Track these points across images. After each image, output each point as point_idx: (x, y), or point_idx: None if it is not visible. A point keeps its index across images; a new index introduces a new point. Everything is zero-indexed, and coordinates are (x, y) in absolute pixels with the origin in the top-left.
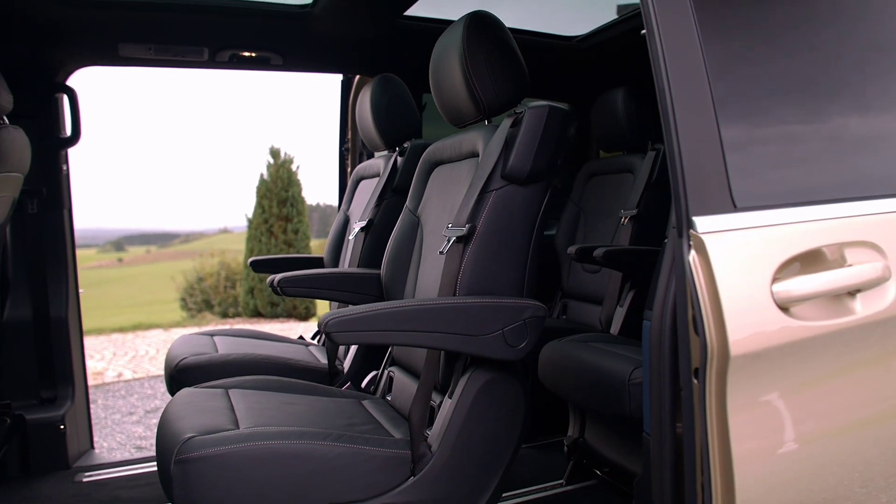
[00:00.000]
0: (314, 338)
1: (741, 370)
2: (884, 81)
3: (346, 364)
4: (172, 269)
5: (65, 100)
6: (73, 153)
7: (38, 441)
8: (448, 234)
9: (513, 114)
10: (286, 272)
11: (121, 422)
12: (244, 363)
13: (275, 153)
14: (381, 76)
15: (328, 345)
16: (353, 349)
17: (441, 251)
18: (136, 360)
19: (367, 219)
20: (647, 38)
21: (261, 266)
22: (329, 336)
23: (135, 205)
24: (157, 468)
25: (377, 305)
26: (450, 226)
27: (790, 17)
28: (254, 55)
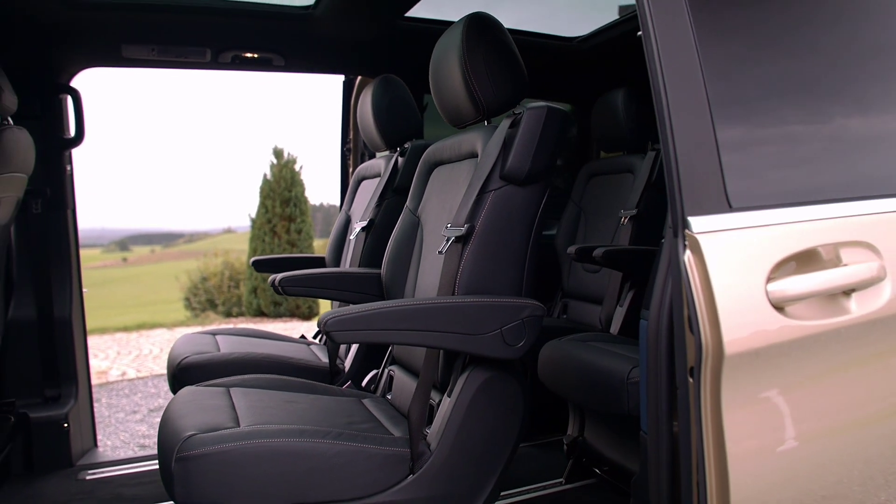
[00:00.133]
0: (316, 337)
1: (736, 369)
2: (879, 82)
3: (347, 363)
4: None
5: (69, 101)
6: (78, 154)
7: (42, 439)
8: (447, 234)
9: (511, 114)
10: (287, 272)
11: (124, 420)
12: (245, 362)
13: (278, 153)
14: (382, 77)
15: (329, 344)
16: (354, 348)
17: (440, 251)
18: (140, 360)
19: (368, 219)
20: (644, 40)
21: (263, 266)
22: (328, 335)
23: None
24: (159, 466)
25: (376, 305)
26: (448, 226)
27: (785, 19)
28: (256, 56)
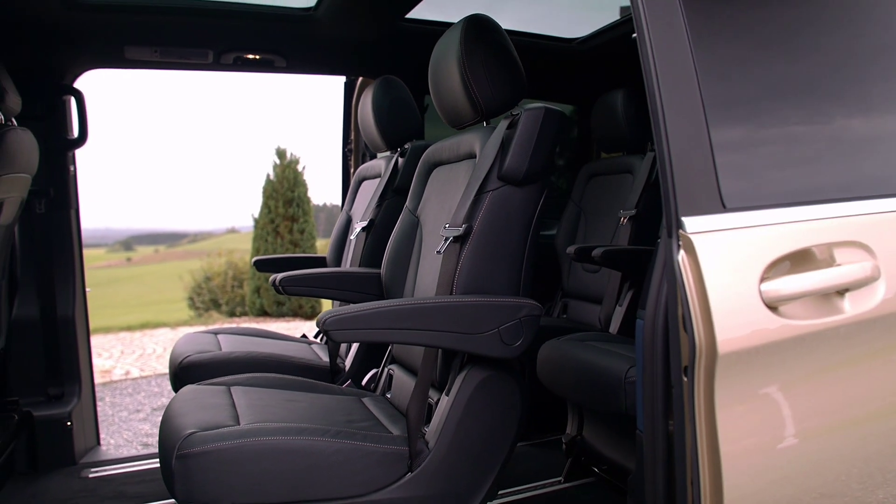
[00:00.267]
0: (317, 336)
1: (729, 368)
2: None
3: (348, 362)
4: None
5: (72, 102)
6: (83, 154)
7: (46, 437)
8: (445, 234)
9: (509, 115)
10: (288, 271)
11: (128, 419)
12: (247, 361)
13: (281, 154)
14: (383, 78)
15: (330, 343)
16: (355, 348)
17: (438, 251)
18: (144, 359)
19: (369, 219)
20: (638, 42)
21: (265, 265)
22: (327, 334)
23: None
24: (160, 464)
25: (375, 304)
26: (447, 226)
27: (779, 22)
28: (258, 57)
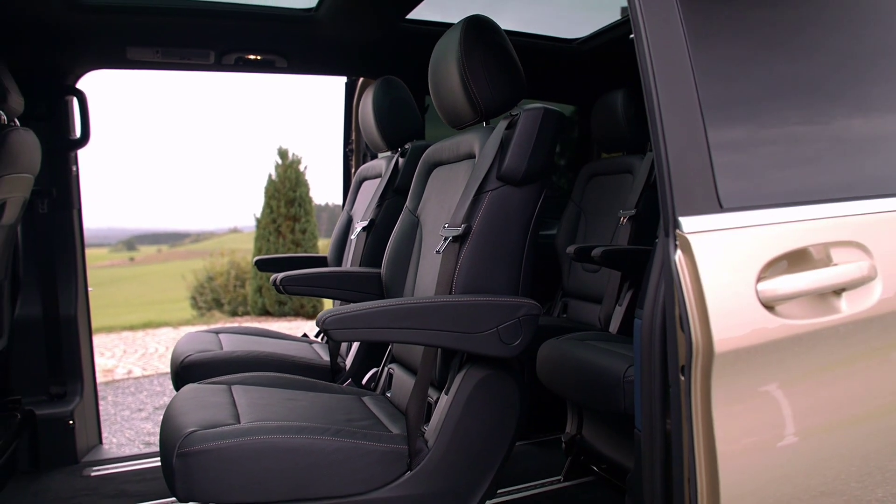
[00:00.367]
0: (318, 335)
1: (726, 367)
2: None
3: (349, 361)
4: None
5: (74, 102)
6: (87, 155)
7: (48, 436)
8: (444, 234)
9: (508, 116)
10: (289, 271)
11: (130, 418)
12: (248, 360)
13: (283, 154)
14: (383, 78)
15: (330, 342)
16: (355, 347)
17: (437, 250)
18: (146, 358)
19: (369, 219)
20: (635, 42)
21: (266, 265)
22: (327, 333)
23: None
24: (161, 462)
25: (374, 303)
26: (446, 225)
27: (775, 22)
28: (259, 58)
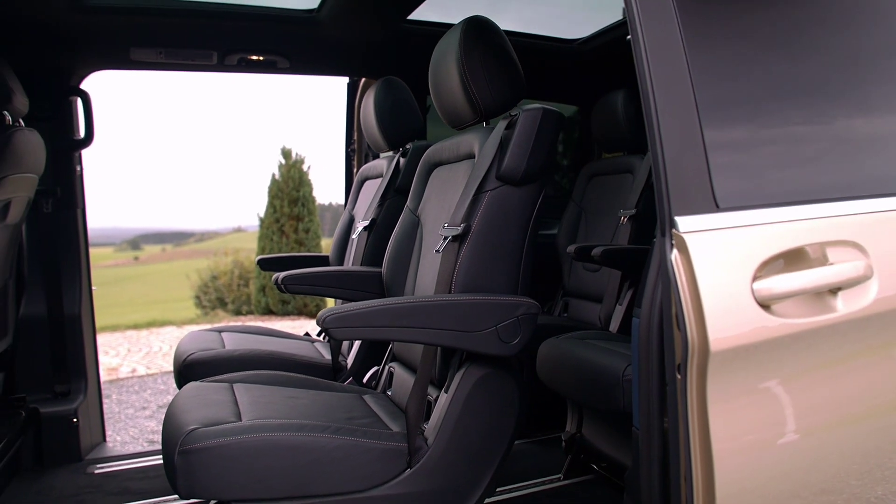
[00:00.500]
0: (320, 334)
1: (721, 366)
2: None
3: (350, 360)
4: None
5: (79, 103)
6: (91, 155)
7: (52, 434)
8: (444, 234)
9: (508, 116)
10: (291, 270)
11: (134, 416)
12: (250, 358)
13: (286, 154)
14: (385, 79)
15: (332, 341)
16: (357, 346)
17: (437, 250)
18: (150, 357)
19: (370, 218)
20: (632, 43)
21: (268, 264)
22: (327, 331)
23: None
24: (163, 459)
25: (374, 302)
26: (446, 225)
27: (773, 23)
28: (261, 58)
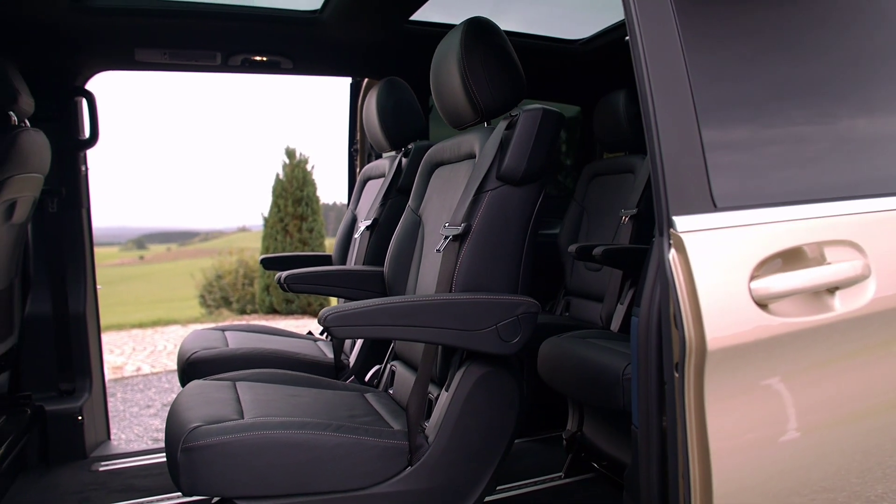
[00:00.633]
0: (322, 333)
1: (718, 364)
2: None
3: (352, 359)
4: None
5: (83, 103)
6: (97, 155)
7: (57, 431)
8: (444, 233)
9: (508, 116)
10: (294, 269)
11: (138, 414)
12: (252, 357)
13: (290, 153)
14: (387, 79)
15: (334, 340)
16: (359, 345)
17: (438, 249)
18: (155, 355)
19: (373, 218)
20: (631, 44)
21: (271, 263)
22: (328, 330)
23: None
24: (166, 457)
25: (375, 301)
26: (446, 224)
27: (770, 24)
28: (265, 59)
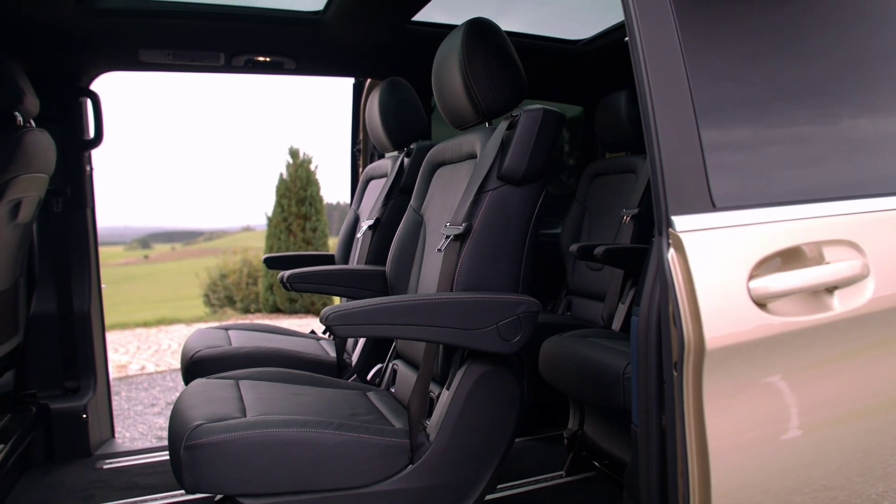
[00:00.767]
0: (325, 332)
1: (717, 363)
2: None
3: (354, 357)
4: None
5: (88, 104)
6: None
7: (62, 429)
8: (446, 233)
9: (509, 116)
10: (297, 268)
11: (143, 413)
12: (255, 356)
13: (294, 153)
14: (389, 80)
15: (337, 339)
16: (361, 343)
17: (439, 249)
18: (159, 354)
19: (375, 217)
20: (630, 45)
21: (274, 263)
22: (330, 328)
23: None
24: (169, 454)
25: (376, 300)
26: (448, 224)
27: (768, 26)
28: (268, 60)
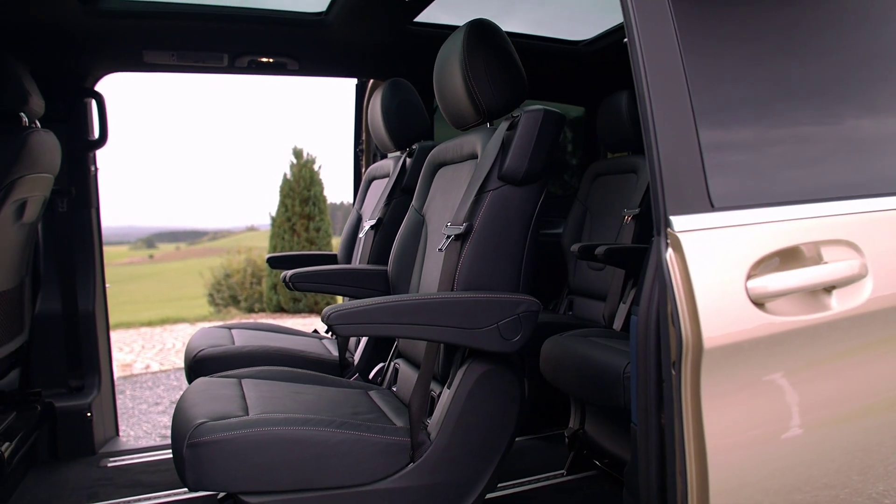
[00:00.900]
0: (328, 331)
1: (715, 363)
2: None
3: (357, 356)
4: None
5: (93, 104)
6: (107, 155)
7: (67, 428)
8: (447, 233)
9: (510, 117)
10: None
11: (147, 412)
12: (258, 355)
13: (298, 153)
14: (392, 80)
15: (339, 338)
16: (363, 343)
17: (440, 248)
18: (164, 353)
19: (377, 217)
20: (629, 46)
21: (277, 262)
22: (331, 328)
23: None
24: (172, 453)
25: (377, 299)
26: (449, 224)
27: (767, 26)
28: (271, 60)
